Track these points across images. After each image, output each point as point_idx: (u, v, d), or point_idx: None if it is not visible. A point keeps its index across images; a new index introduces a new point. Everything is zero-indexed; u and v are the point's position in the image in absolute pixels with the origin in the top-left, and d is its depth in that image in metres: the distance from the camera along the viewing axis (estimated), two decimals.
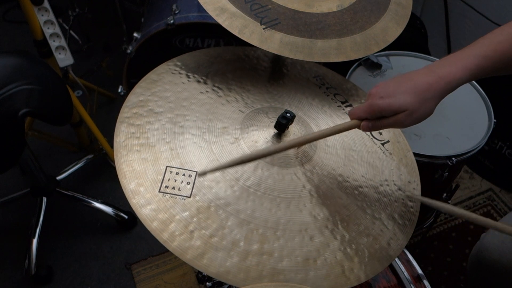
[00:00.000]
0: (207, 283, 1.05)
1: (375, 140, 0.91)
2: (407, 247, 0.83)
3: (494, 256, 1.01)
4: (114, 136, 0.79)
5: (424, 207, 0.85)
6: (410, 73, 0.72)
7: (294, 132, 0.85)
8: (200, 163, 0.77)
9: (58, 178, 1.63)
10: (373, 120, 0.72)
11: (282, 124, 0.80)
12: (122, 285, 1.52)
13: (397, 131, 0.94)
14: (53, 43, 1.44)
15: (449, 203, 0.87)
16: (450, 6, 1.98)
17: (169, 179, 0.74)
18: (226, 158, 0.78)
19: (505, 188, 1.84)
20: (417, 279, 0.94)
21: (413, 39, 1.76)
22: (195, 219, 0.70)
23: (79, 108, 1.61)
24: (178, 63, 0.95)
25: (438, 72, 0.70)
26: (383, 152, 0.90)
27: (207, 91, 0.90)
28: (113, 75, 2.20)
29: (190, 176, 0.74)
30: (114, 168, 0.74)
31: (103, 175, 1.82)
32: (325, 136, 0.76)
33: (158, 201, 0.71)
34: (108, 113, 2.02)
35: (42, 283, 1.50)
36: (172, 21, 1.47)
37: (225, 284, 1.05)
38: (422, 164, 1.00)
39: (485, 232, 1.08)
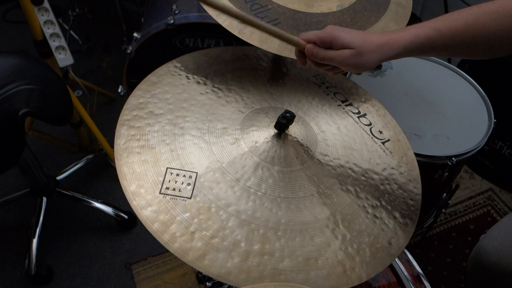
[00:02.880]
0: (207, 283, 1.05)
1: (375, 139, 0.91)
2: (407, 247, 0.83)
3: (493, 258, 1.01)
4: (115, 139, 0.79)
5: (424, 207, 0.85)
6: (368, 32, 0.76)
7: (295, 131, 0.85)
8: (201, 164, 0.77)
9: (58, 178, 1.63)
10: (320, 47, 0.74)
11: (282, 124, 0.80)
12: (122, 285, 1.52)
13: (398, 129, 0.94)
14: (53, 43, 1.44)
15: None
16: (450, 6, 1.98)
17: (169, 181, 0.74)
18: (227, 159, 0.78)
19: (505, 188, 1.84)
20: (416, 278, 0.94)
21: None
22: (196, 220, 0.70)
23: (79, 108, 1.61)
24: (178, 65, 0.95)
25: (390, 35, 0.72)
26: (384, 151, 0.90)
27: (206, 92, 0.90)
28: (113, 75, 2.20)
29: (190, 177, 0.74)
30: (114, 168, 0.75)
31: (103, 175, 1.82)
32: (276, 33, 0.76)
33: (158, 203, 0.71)
34: (108, 113, 2.02)
35: (42, 283, 1.50)
36: (172, 21, 1.47)
37: (225, 284, 1.05)
38: (422, 164, 1.00)
39: (484, 234, 1.09)
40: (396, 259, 0.95)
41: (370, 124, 0.94)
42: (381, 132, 0.93)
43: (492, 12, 0.67)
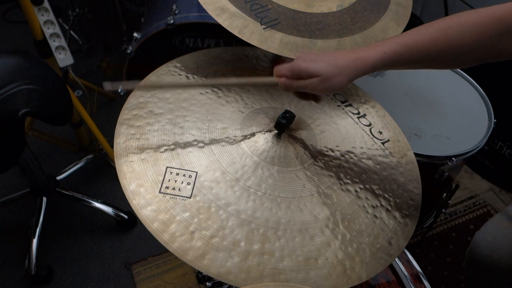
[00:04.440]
0: (207, 283, 1.05)
1: (375, 140, 0.91)
2: (407, 247, 0.83)
3: (486, 252, 1.03)
4: (114, 138, 0.79)
5: (424, 207, 0.85)
6: (336, 51, 0.79)
7: (294, 131, 0.85)
8: (200, 164, 0.77)
9: (58, 178, 1.63)
10: (292, 79, 0.78)
11: (282, 124, 0.80)
12: (122, 285, 1.52)
13: (397, 130, 0.94)
14: (53, 43, 1.44)
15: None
16: (450, 6, 1.98)
17: (169, 180, 0.74)
18: (227, 159, 0.78)
19: (505, 188, 1.84)
20: (416, 277, 0.94)
21: None
22: (195, 220, 0.70)
23: (79, 108, 1.61)
24: (178, 64, 0.95)
25: (358, 53, 0.74)
26: (383, 151, 0.90)
27: (206, 92, 0.90)
28: (113, 75, 2.20)
29: (190, 176, 0.75)
30: (114, 168, 0.74)
31: (103, 175, 1.82)
32: (248, 83, 0.85)
33: (158, 202, 0.71)
34: (108, 113, 2.02)
35: (42, 283, 1.50)
36: (172, 21, 1.48)
37: (225, 284, 1.05)
38: (422, 164, 1.00)
39: (478, 230, 1.10)
40: (396, 259, 0.95)
41: (370, 124, 0.94)
42: (381, 133, 0.93)
43: (458, 25, 0.69)
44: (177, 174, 0.75)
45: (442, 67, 0.74)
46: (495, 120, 1.24)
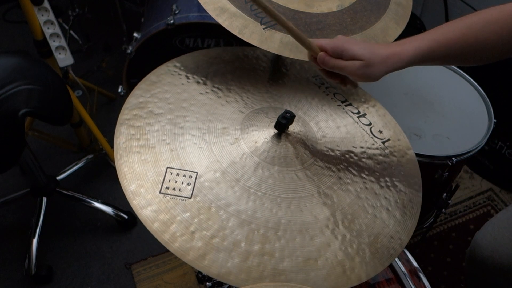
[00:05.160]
0: (207, 283, 1.05)
1: (375, 139, 0.91)
2: (407, 247, 0.83)
3: (486, 252, 1.03)
4: (114, 138, 0.79)
5: (424, 207, 0.85)
6: (373, 43, 0.80)
7: (295, 131, 0.85)
8: (201, 164, 0.77)
9: (58, 178, 1.63)
10: (331, 56, 0.77)
11: (282, 124, 0.80)
12: (122, 285, 1.52)
13: (398, 129, 0.94)
14: (53, 43, 1.44)
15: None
16: (450, 6, 1.98)
17: (169, 180, 0.74)
18: (227, 159, 0.78)
19: (505, 188, 1.84)
20: (414, 274, 0.94)
21: None
22: (196, 220, 0.70)
23: (79, 108, 1.61)
24: (178, 64, 0.95)
25: (394, 48, 0.75)
26: (384, 151, 0.90)
27: (206, 92, 0.90)
28: (113, 75, 2.20)
29: (190, 177, 0.75)
30: (114, 168, 0.74)
31: (103, 175, 1.82)
32: (295, 33, 0.79)
33: (158, 202, 0.71)
34: (108, 113, 2.02)
35: (42, 283, 1.50)
36: (172, 21, 1.48)
37: (225, 284, 1.05)
38: (422, 164, 1.00)
39: (478, 230, 1.10)
40: (396, 259, 0.95)
41: (370, 124, 0.94)
42: (381, 132, 0.93)
43: (481, 21, 0.72)
44: (178, 174, 0.75)
45: (470, 63, 0.76)
46: (495, 120, 1.24)
